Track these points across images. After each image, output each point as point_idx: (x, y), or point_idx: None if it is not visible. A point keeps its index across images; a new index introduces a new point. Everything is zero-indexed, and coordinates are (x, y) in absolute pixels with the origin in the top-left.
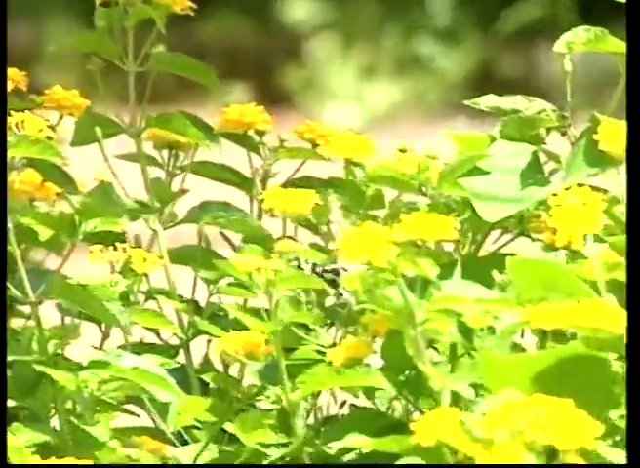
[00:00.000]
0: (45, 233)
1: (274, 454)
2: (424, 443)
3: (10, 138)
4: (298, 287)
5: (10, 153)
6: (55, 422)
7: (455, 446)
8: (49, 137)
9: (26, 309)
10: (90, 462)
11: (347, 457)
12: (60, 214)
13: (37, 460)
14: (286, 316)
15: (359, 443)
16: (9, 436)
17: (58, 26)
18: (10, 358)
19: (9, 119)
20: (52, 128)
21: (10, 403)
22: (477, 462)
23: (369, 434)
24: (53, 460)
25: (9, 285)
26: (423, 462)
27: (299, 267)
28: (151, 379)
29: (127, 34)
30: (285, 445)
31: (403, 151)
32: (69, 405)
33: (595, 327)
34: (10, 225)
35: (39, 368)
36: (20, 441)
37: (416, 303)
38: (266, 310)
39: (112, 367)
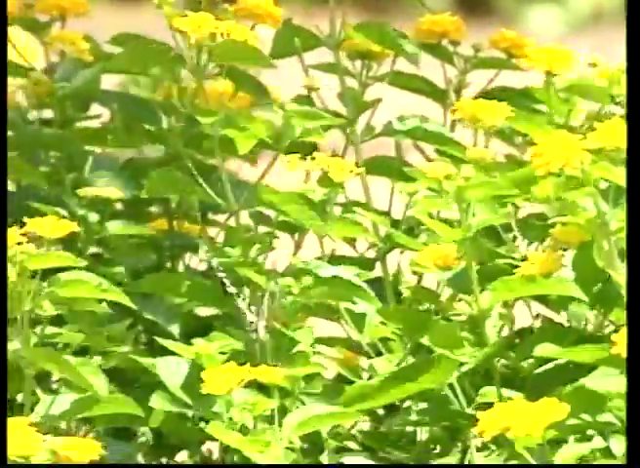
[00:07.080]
0: (246, 143)
1: (466, 361)
2: (624, 354)
3: (213, 45)
4: (488, 193)
5: (216, 60)
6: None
7: None
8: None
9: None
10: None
11: (540, 370)
12: (264, 123)
13: (229, 366)
14: (475, 221)
15: (551, 353)
16: (203, 343)
17: None
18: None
19: (215, 27)
20: None
21: (204, 311)
22: None
23: (562, 346)
24: (246, 367)
25: (211, 193)
26: (617, 372)
27: None
28: (351, 289)
29: None
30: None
31: (594, 65)
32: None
33: None
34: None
35: (243, 271)
36: (214, 347)
37: (609, 212)
38: (458, 221)
39: (314, 275)
